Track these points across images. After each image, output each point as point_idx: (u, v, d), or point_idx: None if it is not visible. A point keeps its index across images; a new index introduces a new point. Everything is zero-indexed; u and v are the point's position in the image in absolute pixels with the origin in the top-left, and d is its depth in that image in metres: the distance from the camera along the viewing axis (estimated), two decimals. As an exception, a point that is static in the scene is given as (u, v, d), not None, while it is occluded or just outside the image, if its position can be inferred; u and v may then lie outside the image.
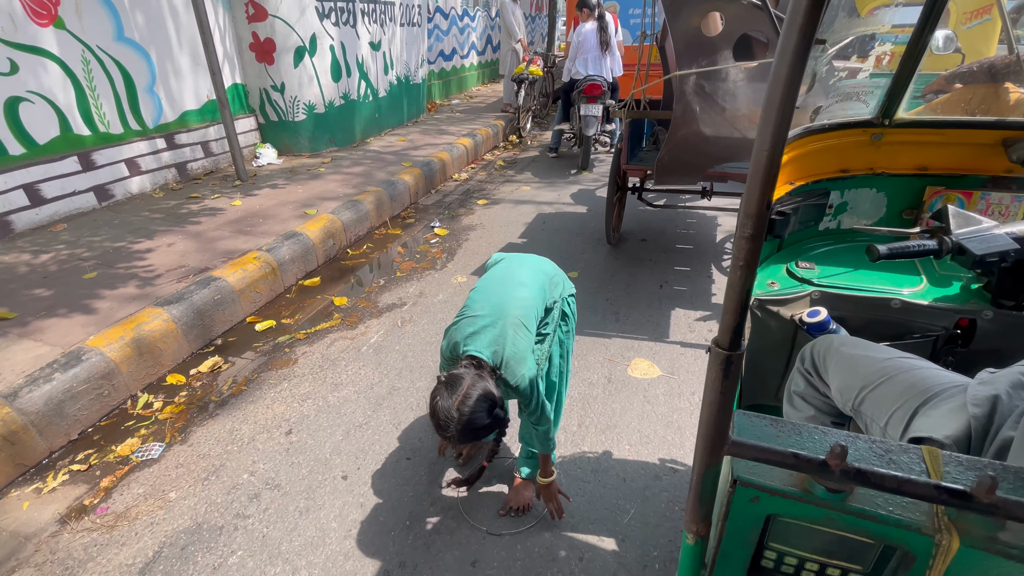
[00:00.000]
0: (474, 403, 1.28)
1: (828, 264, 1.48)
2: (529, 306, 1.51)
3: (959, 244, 1.13)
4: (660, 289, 3.17)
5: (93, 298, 2.57)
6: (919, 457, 0.62)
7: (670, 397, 2.26)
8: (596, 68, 5.23)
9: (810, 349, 1.23)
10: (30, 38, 3.19)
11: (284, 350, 2.60)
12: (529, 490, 1.77)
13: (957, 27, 3.18)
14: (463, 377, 1.32)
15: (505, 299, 1.50)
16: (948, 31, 2.36)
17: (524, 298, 1.51)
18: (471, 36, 9.62)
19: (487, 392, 1.31)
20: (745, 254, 0.52)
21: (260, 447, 2.01)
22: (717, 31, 2.34)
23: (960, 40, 2.71)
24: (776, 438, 0.66)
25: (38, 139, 3.33)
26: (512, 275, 1.59)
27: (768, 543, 0.70)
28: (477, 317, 1.46)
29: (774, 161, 0.47)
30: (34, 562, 1.58)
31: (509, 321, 1.44)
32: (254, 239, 3.27)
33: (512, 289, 1.53)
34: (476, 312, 1.47)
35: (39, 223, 3.39)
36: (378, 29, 5.96)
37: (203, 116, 4.49)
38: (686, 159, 2.63)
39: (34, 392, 1.90)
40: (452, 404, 1.27)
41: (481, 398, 1.29)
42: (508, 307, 1.47)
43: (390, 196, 4.29)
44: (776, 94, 0.45)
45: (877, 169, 1.56)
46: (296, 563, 1.58)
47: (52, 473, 1.88)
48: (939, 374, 0.99)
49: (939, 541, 0.58)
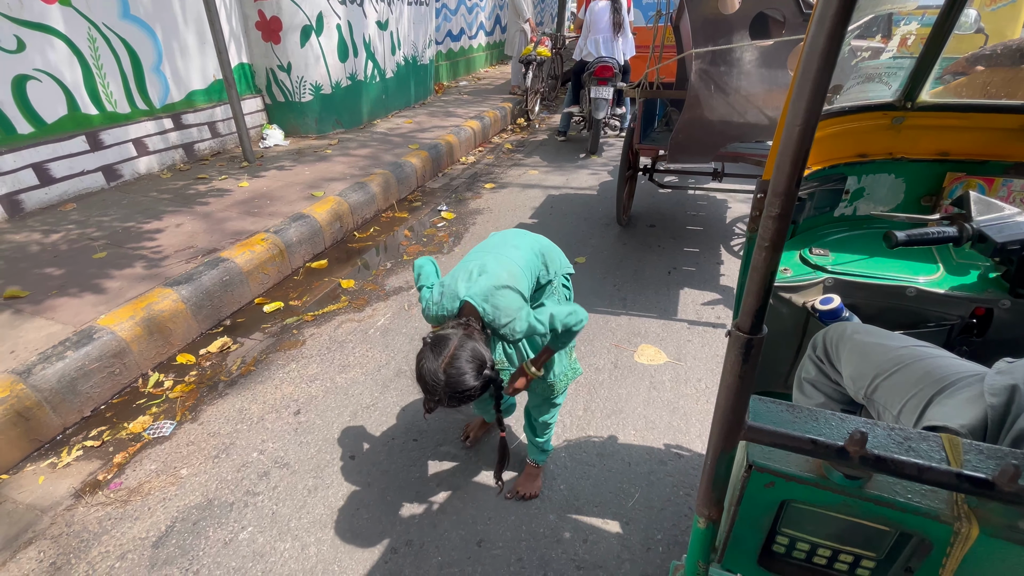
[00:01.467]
0: (462, 364, 1.22)
1: (842, 251, 1.45)
2: (521, 265, 1.45)
3: (980, 231, 1.11)
4: (668, 275, 3.15)
5: (103, 277, 2.59)
6: (939, 445, 0.62)
7: (676, 383, 2.26)
8: (608, 49, 5.13)
9: (822, 336, 1.22)
10: (36, 15, 3.16)
11: (292, 331, 2.61)
12: (539, 478, 1.78)
13: (982, 8, 3.08)
14: (450, 338, 1.25)
15: (496, 257, 1.44)
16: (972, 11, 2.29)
17: (515, 257, 1.46)
18: (479, 16, 9.46)
19: (475, 352, 1.25)
20: (772, 234, 0.50)
21: (269, 426, 2.03)
22: (734, 9, 2.29)
23: (984, 21, 2.63)
24: (792, 424, 0.66)
25: (46, 118, 3.32)
26: (505, 241, 1.54)
27: (781, 528, 0.70)
28: (468, 271, 1.41)
29: (806, 136, 0.45)
30: (50, 534, 1.61)
31: (500, 274, 1.38)
32: (262, 220, 3.27)
33: (504, 250, 1.48)
34: (467, 267, 1.42)
35: (48, 202, 3.40)
36: (385, 8, 5.86)
37: (210, 96, 4.46)
38: (700, 137, 2.60)
39: (47, 369, 1.93)
40: (439, 366, 1.21)
41: (469, 358, 1.23)
42: (499, 263, 1.42)
43: (397, 179, 4.27)
44: (812, 64, 0.43)
45: (896, 154, 1.52)
46: (305, 539, 1.61)
47: (66, 449, 1.91)
48: (955, 363, 0.98)
49: (958, 529, 0.57)
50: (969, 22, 2.26)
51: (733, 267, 3.24)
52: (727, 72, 2.42)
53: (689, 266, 3.25)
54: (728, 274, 3.16)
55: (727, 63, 2.41)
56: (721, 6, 2.28)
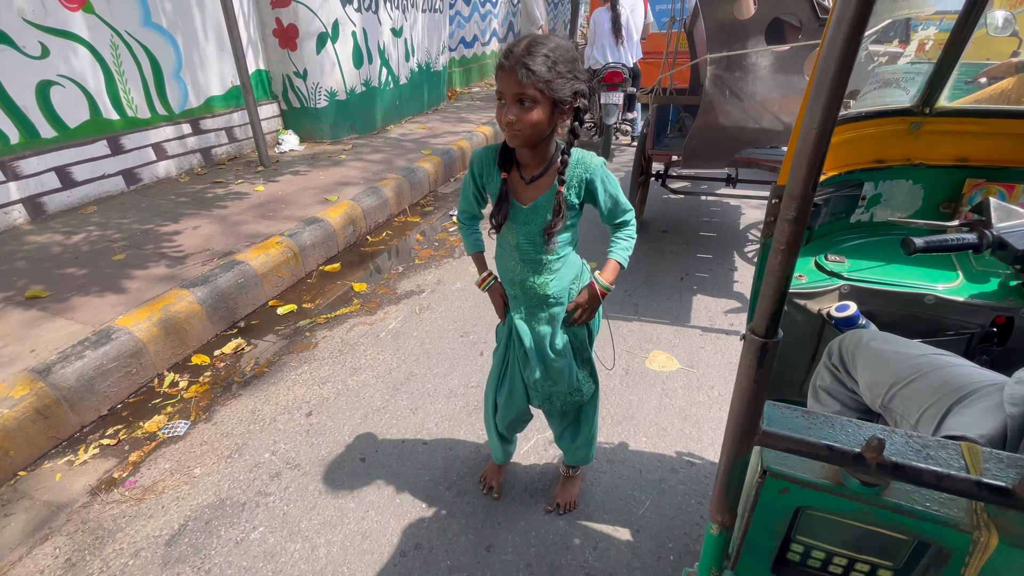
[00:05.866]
0: (557, 44, 1.09)
1: (859, 257, 1.43)
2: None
3: (1000, 238, 1.09)
4: (681, 281, 3.13)
5: (122, 278, 2.64)
6: (958, 453, 0.60)
7: (689, 391, 2.24)
8: (614, 55, 5.15)
9: (838, 344, 1.20)
10: (60, 22, 3.25)
11: (305, 334, 2.64)
12: (576, 485, 1.73)
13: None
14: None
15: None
16: (1007, 12, 2.25)
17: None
18: (492, 23, 9.54)
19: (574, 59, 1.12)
20: (787, 237, 0.50)
21: (281, 427, 2.05)
22: (749, 14, 2.29)
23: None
24: (808, 430, 0.65)
25: (68, 122, 3.40)
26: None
27: (795, 536, 0.69)
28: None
29: (823, 140, 0.45)
30: (66, 531, 1.64)
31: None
32: (276, 224, 3.32)
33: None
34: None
35: (70, 205, 3.48)
36: (400, 15, 5.94)
37: (227, 102, 4.54)
38: (714, 143, 2.59)
39: (66, 368, 1.96)
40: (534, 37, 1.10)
41: (566, 52, 1.11)
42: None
43: (410, 184, 4.30)
44: (829, 68, 0.43)
45: (914, 160, 1.50)
46: (315, 541, 1.61)
47: (83, 447, 1.95)
48: (974, 372, 0.96)
49: (977, 538, 0.56)
50: (998, 24, 2.23)
51: (747, 274, 3.21)
52: (742, 77, 2.41)
53: (702, 272, 3.23)
54: (742, 281, 3.14)
55: (742, 68, 2.40)
56: (736, 11, 2.28)
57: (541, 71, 1.06)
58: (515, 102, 1.10)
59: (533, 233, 1.29)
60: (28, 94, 3.15)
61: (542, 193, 1.26)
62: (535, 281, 1.35)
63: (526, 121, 1.11)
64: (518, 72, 1.06)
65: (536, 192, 1.26)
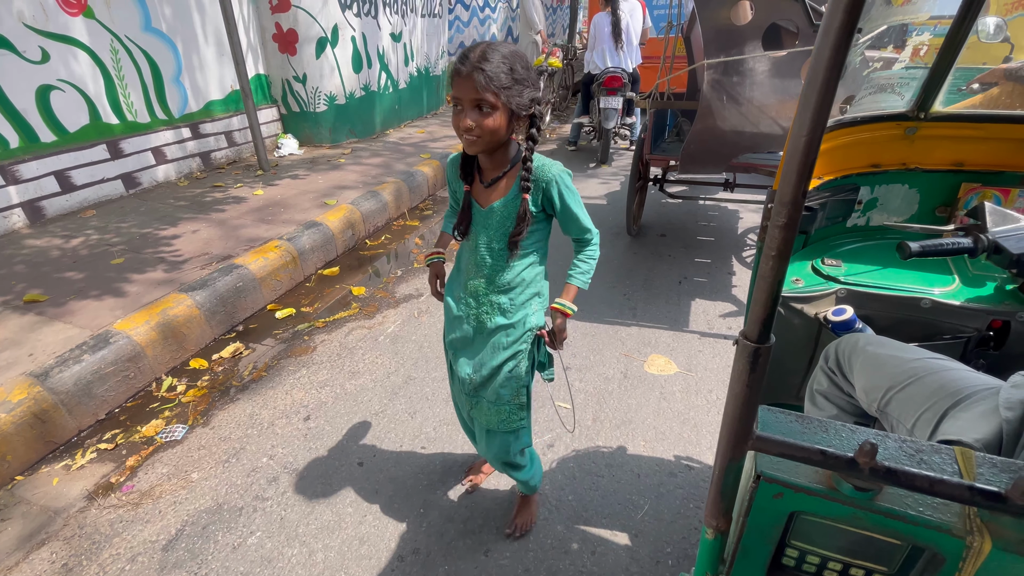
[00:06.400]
0: (512, 51, 1.10)
1: (855, 262, 1.44)
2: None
3: (996, 243, 1.09)
4: (679, 285, 3.13)
5: (121, 282, 2.64)
6: (951, 458, 0.61)
7: (687, 394, 2.24)
8: (614, 60, 5.17)
9: (835, 348, 1.20)
10: (61, 27, 3.26)
11: (303, 338, 2.63)
12: (529, 509, 1.69)
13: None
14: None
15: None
16: (998, 19, 2.27)
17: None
18: (491, 28, 9.57)
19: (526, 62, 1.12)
20: (778, 243, 0.50)
21: (279, 432, 2.04)
22: (746, 20, 2.30)
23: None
24: (802, 434, 0.65)
25: (68, 127, 3.41)
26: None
27: (790, 541, 0.69)
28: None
29: (812, 147, 0.45)
30: (63, 536, 1.63)
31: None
32: (276, 228, 3.32)
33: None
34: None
35: (69, 209, 3.48)
36: (399, 20, 5.96)
37: (227, 106, 4.56)
38: (712, 148, 2.60)
39: (64, 372, 1.96)
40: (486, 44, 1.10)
41: (521, 59, 1.11)
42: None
43: (409, 187, 4.31)
44: (818, 76, 0.44)
45: (910, 164, 1.51)
46: (313, 545, 1.61)
47: (80, 451, 1.94)
48: (970, 376, 0.96)
49: (970, 543, 0.56)
50: (989, 31, 2.24)
51: (745, 278, 3.22)
52: (739, 82, 2.42)
53: (700, 276, 3.23)
54: (740, 285, 3.14)
55: (739, 73, 2.41)
56: (733, 17, 2.29)
57: (499, 76, 1.06)
58: (473, 108, 1.09)
59: (492, 239, 1.26)
60: (28, 98, 3.16)
61: (501, 196, 1.24)
62: (489, 295, 1.31)
63: (485, 127, 1.10)
64: (476, 77, 1.05)
65: (495, 195, 1.24)
